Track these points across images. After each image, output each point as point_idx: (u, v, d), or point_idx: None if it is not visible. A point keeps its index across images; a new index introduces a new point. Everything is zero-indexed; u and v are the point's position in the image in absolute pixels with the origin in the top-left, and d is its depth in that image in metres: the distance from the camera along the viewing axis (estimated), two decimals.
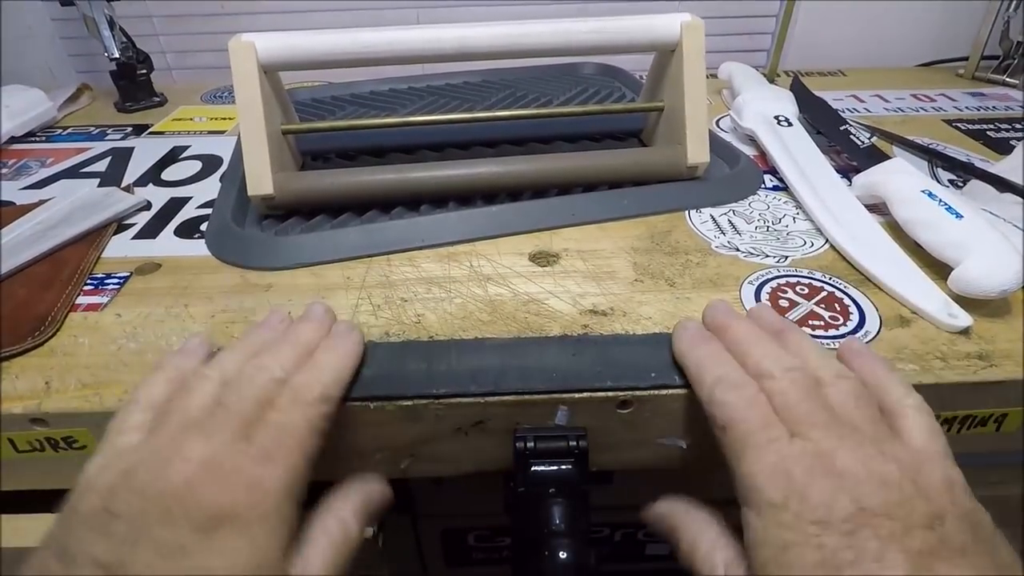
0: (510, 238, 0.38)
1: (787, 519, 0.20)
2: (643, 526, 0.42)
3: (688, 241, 0.38)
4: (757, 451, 0.22)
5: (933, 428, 0.23)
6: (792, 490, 0.20)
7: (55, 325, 0.31)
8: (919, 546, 0.19)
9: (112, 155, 0.52)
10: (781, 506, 0.20)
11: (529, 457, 0.28)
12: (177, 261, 0.37)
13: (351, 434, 0.28)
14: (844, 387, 0.23)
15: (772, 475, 0.21)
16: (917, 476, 0.20)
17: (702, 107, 0.41)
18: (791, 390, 0.23)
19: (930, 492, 0.20)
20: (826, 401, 0.23)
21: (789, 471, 0.21)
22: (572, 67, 0.70)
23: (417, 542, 0.42)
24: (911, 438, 0.22)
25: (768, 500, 0.21)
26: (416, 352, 0.29)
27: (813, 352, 0.25)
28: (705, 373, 0.25)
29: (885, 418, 0.23)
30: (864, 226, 0.37)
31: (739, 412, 0.23)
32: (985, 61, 0.69)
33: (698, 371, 0.26)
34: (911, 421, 0.23)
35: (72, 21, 0.70)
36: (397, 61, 0.40)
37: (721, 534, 0.24)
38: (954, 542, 0.19)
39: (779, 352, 0.25)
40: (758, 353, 0.25)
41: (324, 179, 0.41)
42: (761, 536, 0.21)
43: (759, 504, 0.21)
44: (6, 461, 0.29)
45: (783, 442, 0.22)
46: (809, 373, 0.24)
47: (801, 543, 0.19)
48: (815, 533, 0.19)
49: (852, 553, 0.19)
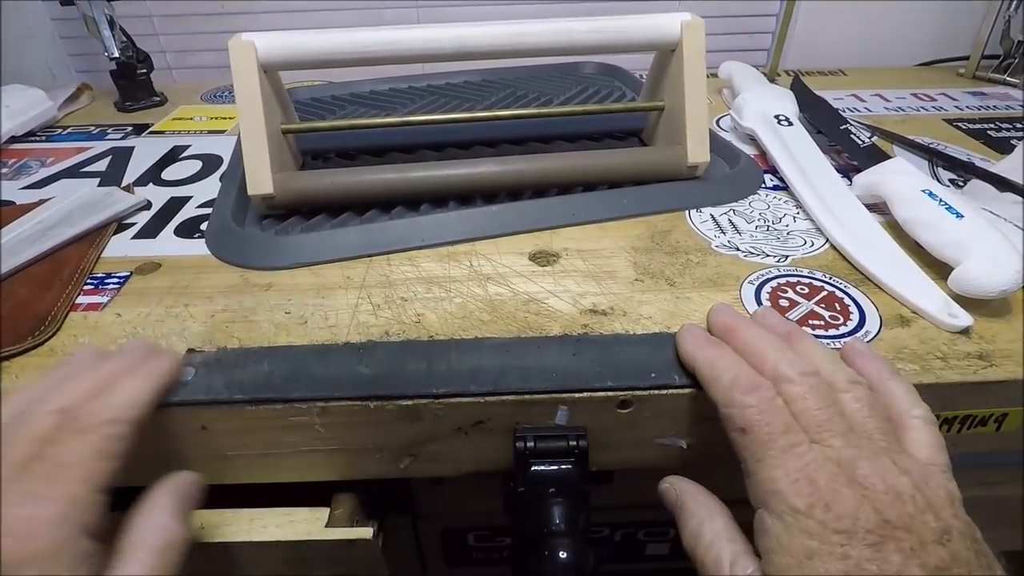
0: (510, 238, 0.38)
1: (812, 527, 0.20)
2: (643, 526, 0.42)
3: (688, 241, 0.38)
4: (780, 456, 0.21)
5: (939, 442, 0.23)
6: (817, 498, 0.20)
7: (55, 325, 0.31)
8: (935, 561, 0.19)
9: (112, 155, 0.52)
10: (806, 513, 0.20)
11: (529, 457, 0.28)
12: (177, 261, 0.37)
13: (351, 434, 0.28)
14: (857, 394, 0.23)
15: (796, 481, 0.21)
16: (925, 489, 0.20)
17: (702, 107, 0.41)
18: (810, 395, 0.23)
19: (937, 506, 0.20)
20: (841, 408, 0.23)
21: (813, 478, 0.21)
22: (572, 66, 0.69)
23: (417, 542, 0.42)
24: (919, 451, 0.22)
25: (791, 506, 0.20)
26: (416, 352, 0.29)
27: (823, 356, 0.25)
28: (720, 375, 0.25)
29: (892, 427, 0.23)
30: (864, 226, 0.37)
31: (761, 415, 0.22)
32: (986, 60, 0.69)
33: (712, 372, 0.25)
34: (918, 434, 0.23)
35: (72, 21, 0.70)
36: (397, 61, 0.40)
37: (728, 526, 0.24)
38: (961, 558, 0.19)
39: (793, 356, 0.25)
40: (773, 356, 0.25)
41: (324, 179, 0.41)
42: (784, 543, 0.20)
43: (780, 509, 0.21)
44: None
45: (804, 447, 0.21)
46: (824, 379, 0.24)
47: (826, 552, 0.19)
48: (841, 543, 0.19)
49: (877, 566, 0.19)
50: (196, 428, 0.28)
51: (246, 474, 0.30)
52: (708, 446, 0.29)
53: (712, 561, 0.23)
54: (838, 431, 0.22)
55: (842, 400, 0.23)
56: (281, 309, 0.32)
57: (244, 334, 0.31)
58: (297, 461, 0.29)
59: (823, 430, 0.22)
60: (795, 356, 0.25)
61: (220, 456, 0.29)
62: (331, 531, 0.28)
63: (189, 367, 0.28)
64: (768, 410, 0.23)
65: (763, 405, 0.23)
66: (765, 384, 0.24)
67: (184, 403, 0.27)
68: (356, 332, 0.31)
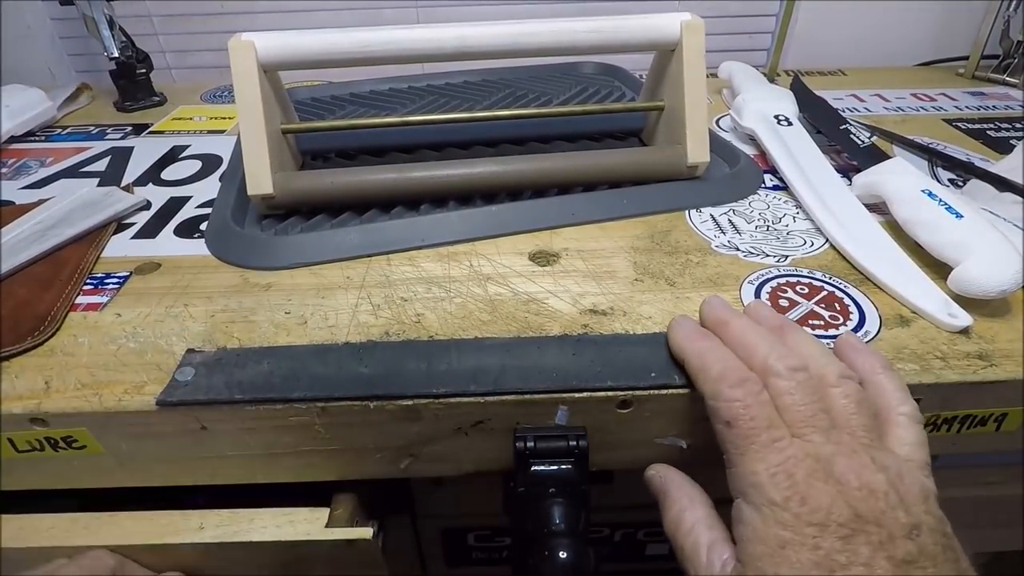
0: (510, 238, 0.38)
1: (787, 519, 0.21)
2: (643, 526, 0.42)
3: (688, 241, 0.38)
4: (762, 450, 0.22)
5: (920, 439, 0.24)
6: (794, 492, 0.21)
7: (55, 325, 0.31)
8: (902, 555, 0.20)
9: (112, 154, 0.52)
10: (782, 506, 0.21)
11: (529, 457, 0.28)
12: (177, 261, 0.37)
13: (351, 434, 0.28)
14: (847, 390, 0.24)
15: (775, 475, 0.21)
16: (900, 485, 0.21)
17: (702, 107, 0.41)
18: (797, 391, 0.23)
19: (909, 502, 0.21)
20: (828, 404, 0.23)
21: (792, 473, 0.21)
22: (572, 66, 0.69)
23: (417, 542, 0.42)
24: (899, 447, 0.23)
25: (769, 499, 0.21)
26: (416, 352, 0.29)
27: (814, 350, 0.25)
28: (709, 367, 0.25)
29: (878, 422, 0.24)
30: (864, 226, 0.37)
31: (746, 410, 0.23)
32: (985, 60, 0.69)
33: (701, 364, 0.26)
34: (902, 430, 0.24)
35: (72, 21, 0.71)
36: (397, 61, 0.40)
37: (708, 515, 0.25)
38: (928, 552, 0.20)
39: (783, 350, 0.25)
40: (763, 350, 0.25)
41: (324, 178, 0.41)
42: (760, 532, 0.21)
43: (758, 501, 0.22)
44: (6, 461, 0.29)
45: (785, 442, 0.22)
46: (814, 373, 0.24)
47: (799, 543, 0.20)
48: (813, 535, 0.20)
49: (845, 557, 0.20)
50: (196, 428, 0.28)
51: (246, 474, 0.30)
52: (708, 446, 0.29)
53: (691, 547, 0.24)
54: (820, 427, 0.22)
55: (830, 395, 0.24)
56: (281, 309, 0.32)
57: (244, 334, 0.31)
58: (297, 461, 0.29)
59: (806, 426, 0.22)
60: (786, 351, 0.25)
61: (220, 456, 0.29)
62: (331, 531, 0.28)
63: (189, 367, 0.28)
64: (753, 404, 0.23)
65: (749, 400, 0.23)
66: (753, 378, 0.24)
67: (184, 403, 0.27)
68: (356, 332, 0.31)
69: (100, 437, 0.28)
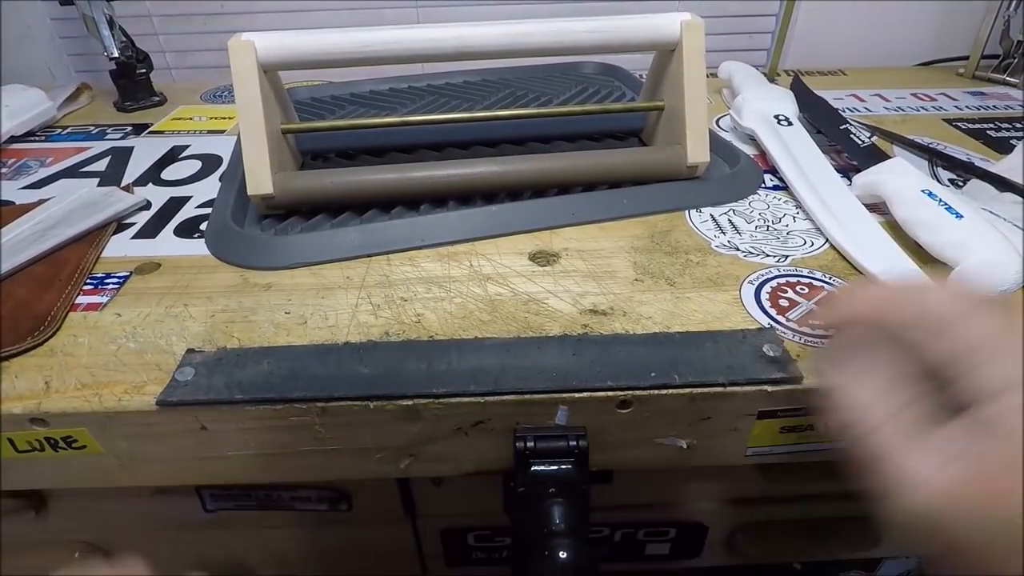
0: (510, 238, 0.38)
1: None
2: (643, 526, 0.42)
3: (688, 240, 0.38)
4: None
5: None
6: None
7: (55, 325, 0.31)
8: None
9: (112, 154, 0.52)
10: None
11: (529, 457, 0.28)
12: (177, 261, 0.37)
13: (351, 434, 0.28)
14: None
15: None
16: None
17: (702, 106, 0.41)
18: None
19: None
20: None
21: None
22: (572, 66, 0.69)
23: (417, 542, 0.42)
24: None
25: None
26: (416, 352, 0.29)
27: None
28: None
29: None
30: (864, 226, 0.37)
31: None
32: (985, 60, 0.69)
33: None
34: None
35: (72, 21, 0.70)
36: (397, 61, 0.40)
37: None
38: None
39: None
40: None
41: (324, 178, 0.41)
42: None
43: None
44: (6, 461, 0.29)
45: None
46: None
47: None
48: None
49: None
50: (196, 428, 0.28)
51: (246, 474, 0.30)
52: (708, 446, 0.29)
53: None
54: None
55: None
56: (281, 309, 0.32)
57: (244, 334, 0.31)
58: (297, 461, 0.29)
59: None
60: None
61: (220, 456, 0.29)
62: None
63: (189, 367, 0.28)
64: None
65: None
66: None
67: (184, 403, 0.27)
68: (356, 332, 0.31)
69: (100, 437, 0.28)
